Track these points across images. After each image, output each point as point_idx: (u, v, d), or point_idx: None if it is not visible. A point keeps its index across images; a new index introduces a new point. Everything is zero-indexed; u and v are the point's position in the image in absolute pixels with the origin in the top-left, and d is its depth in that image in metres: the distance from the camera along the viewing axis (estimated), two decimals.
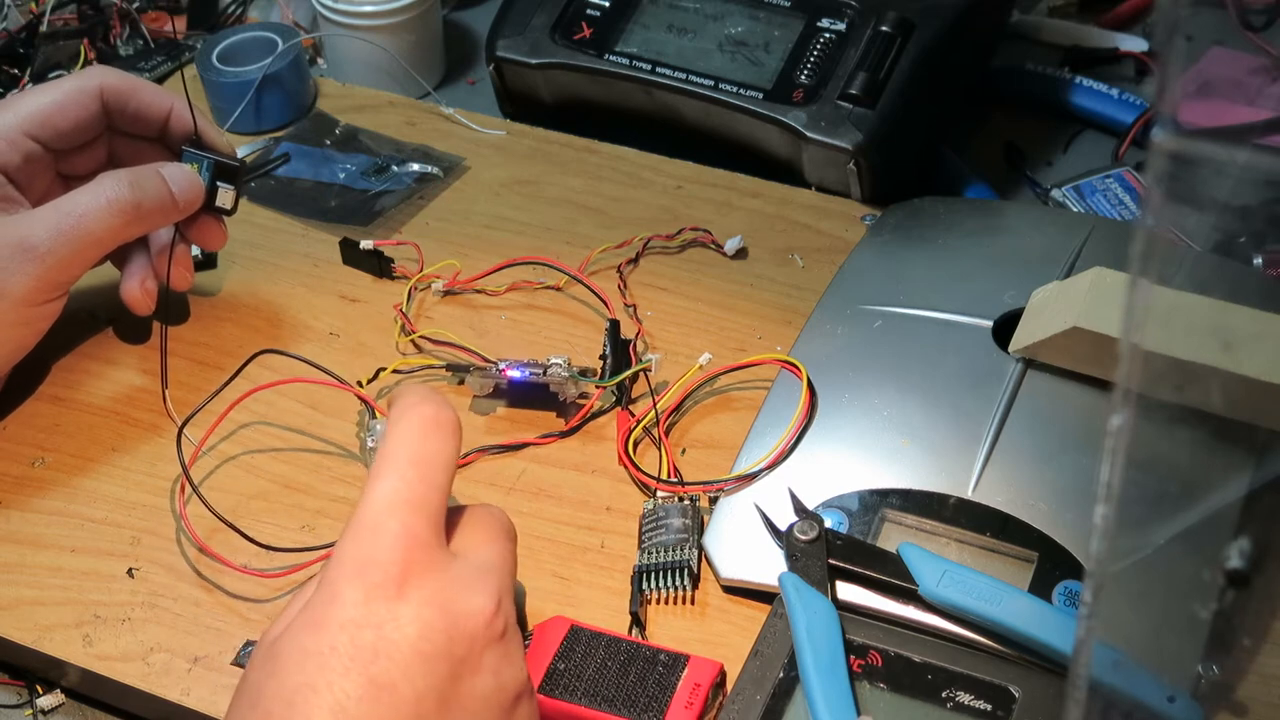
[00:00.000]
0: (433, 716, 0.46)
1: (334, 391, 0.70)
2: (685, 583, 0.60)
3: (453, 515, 0.53)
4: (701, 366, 0.68)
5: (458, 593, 0.48)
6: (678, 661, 0.55)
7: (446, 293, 0.75)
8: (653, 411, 0.66)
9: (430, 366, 0.70)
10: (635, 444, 0.65)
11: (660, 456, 0.64)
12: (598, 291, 0.73)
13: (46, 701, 0.61)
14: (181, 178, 0.68)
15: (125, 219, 0.65)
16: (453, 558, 0.50)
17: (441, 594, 0.48)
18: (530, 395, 0.68)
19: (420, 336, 0.72)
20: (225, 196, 0.70)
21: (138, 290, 0.70)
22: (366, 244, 0.76)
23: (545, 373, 0.67)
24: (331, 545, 0.51)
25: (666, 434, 0.66)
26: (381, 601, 0.47)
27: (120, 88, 0.69)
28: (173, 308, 0.73)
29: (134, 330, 0.74)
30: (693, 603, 0.60)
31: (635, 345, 0.70)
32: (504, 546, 0.53)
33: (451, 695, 0.47)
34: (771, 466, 0.62)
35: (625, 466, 0.65)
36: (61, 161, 0.69)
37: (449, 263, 0.75)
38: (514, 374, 0.67)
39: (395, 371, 0.70)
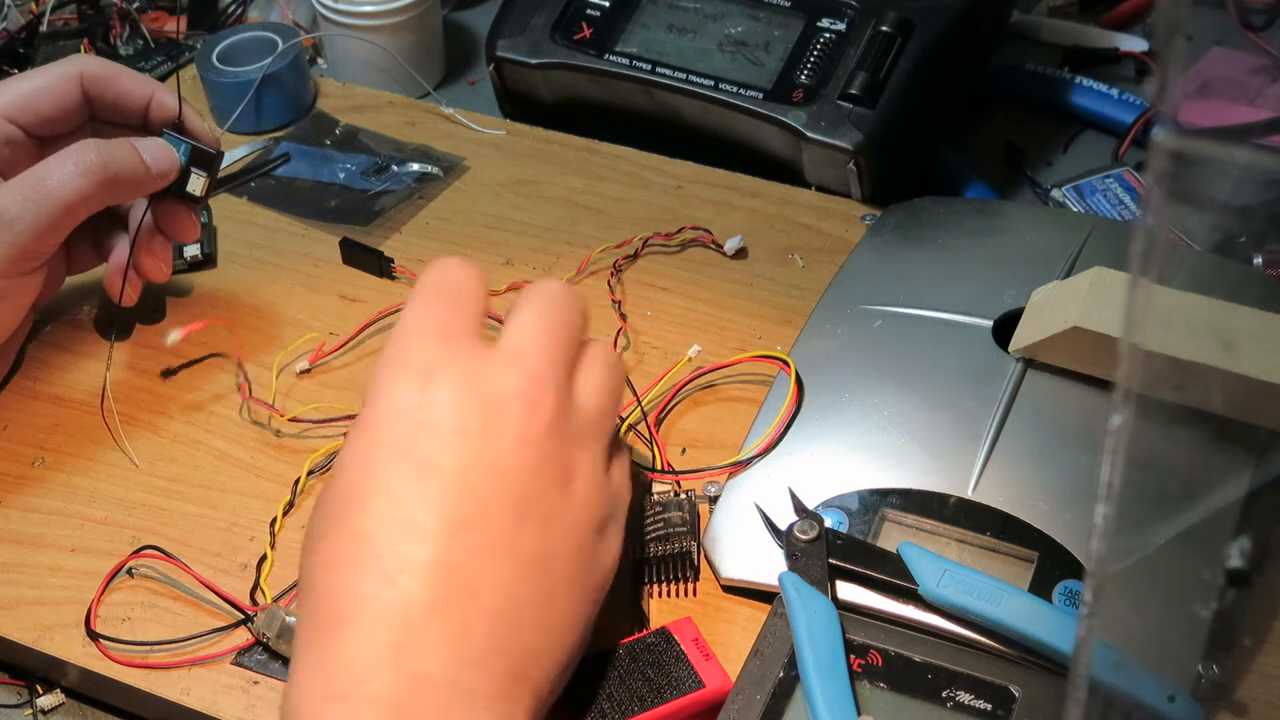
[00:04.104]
0: (481, 487, 0.49)
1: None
2: (686, 574, 0.60)
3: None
4: (690, 359, 0.68)
5: (488, 374, 0.51)
6: (663, 635, 0.56)
7: (307, 370, 0.71)
8: (637, 407, 0.66)
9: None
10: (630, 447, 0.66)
11: (653, 451, 0.64)
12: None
13: (46, 701, 0.61)
14: (155, 148, 0.67)
15: (93, 181, 0.65)
16: (484, 345, 0.52)
17: (471, 375, 0.50)
18: None
19: (293, 419, 0.68)
20: (197, 182, 0.69)
21: (120, 280, 0.70)
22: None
23: None
24: None
25: (658, 429, 0.66)
26: (413, 391, 0.50)
27: (100, 74, 0.68)
28: (147, 305, 0.73)
29: (134, 331, 0.74)
30: (694, 594, 0.60)
31: (616, 342, 0.70)
32: (546, 327, 0.53)
33: (497, 468, 0.49)
34: (763, 454, 0.62)
35: None
36: (47, 149, 0.69)
37: (311, 335, 0.72)
38: None
39: (295, 419, 0.68)
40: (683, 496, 0.62)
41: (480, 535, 0.48)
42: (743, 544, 0.60)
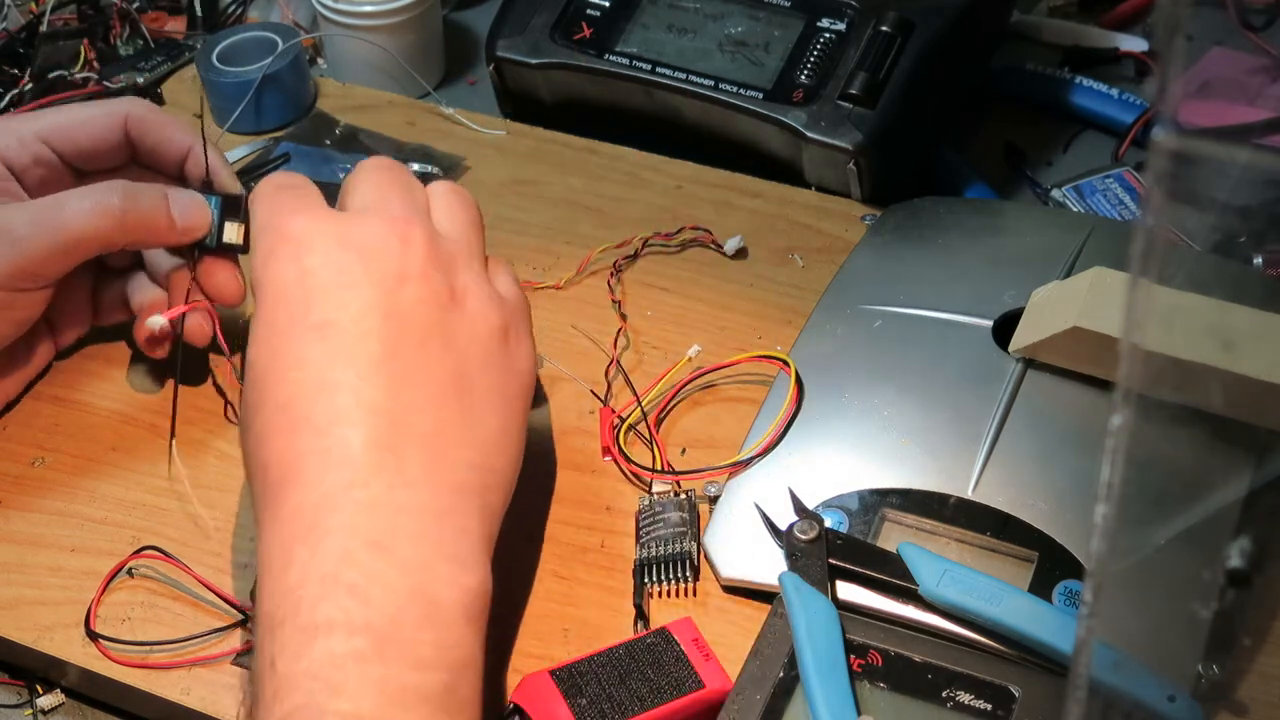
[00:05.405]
0: (381, 328, 0.52)
1: None
2: (686, 574, 0.60)
3: None
4: (690, 359, 0.68)
5: (353, 229, 0.55)
6: (663, 635, 0.56)
7: None
8: (637, 408, 0.66)
9: None
10: (630, 447, 0.66)
11: (653, 451, 0.64)
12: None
13: (46, 701, 0.61)
14: (187, 201, 0.66)
15: (109, 222, 0.64)
16: (339, 211, 0.57)
17: (339, 235, 0.54)
18: None
19: None
20: (233, 231, 0.67)
21: (146, 337, 0.68)
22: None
23: None
24: None
25: (658, 429, 0.66)
26: (291, 266, 0.53)
27: (144, 118, 0.68)
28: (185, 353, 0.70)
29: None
30: (694, 595, 0.60)
31: (616, 342, 0.70)
32: (384, 183, 0.58)
33: (389, 307, 0.53)
34: (763, 454, 0.62)
35: (615, 459, 0.65)
36: (84, 183, 0.67)
37: None
38: None
39: None
40: (683, 496, 0.62)
41: (392, 370, 0.52)
42: (743, 544, 0.60)
